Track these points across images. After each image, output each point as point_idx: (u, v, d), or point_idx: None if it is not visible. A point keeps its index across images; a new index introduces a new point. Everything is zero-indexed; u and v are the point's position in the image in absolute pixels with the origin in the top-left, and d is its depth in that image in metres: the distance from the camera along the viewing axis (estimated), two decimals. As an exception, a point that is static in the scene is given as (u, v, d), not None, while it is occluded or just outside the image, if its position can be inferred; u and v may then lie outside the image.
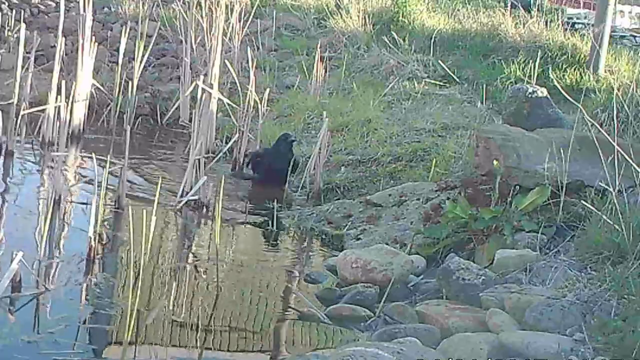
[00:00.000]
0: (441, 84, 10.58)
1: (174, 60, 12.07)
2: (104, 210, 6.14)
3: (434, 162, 7.60)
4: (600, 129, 5.65)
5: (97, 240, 5.67)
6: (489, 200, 6.00)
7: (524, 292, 4.76)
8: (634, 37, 13.89)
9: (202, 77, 8.88)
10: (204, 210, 7.30)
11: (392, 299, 5.21)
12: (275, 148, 8.41)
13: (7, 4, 13.08)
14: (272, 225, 7.11)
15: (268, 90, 9.56)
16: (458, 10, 13.62)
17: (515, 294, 4.74)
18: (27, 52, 9.37)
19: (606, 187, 5.18)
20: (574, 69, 10.32)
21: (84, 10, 9.49)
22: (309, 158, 8.29)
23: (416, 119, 9.14)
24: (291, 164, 8.23)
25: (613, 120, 6.25)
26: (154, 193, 5.75)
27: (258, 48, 12.41)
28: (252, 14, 12.66)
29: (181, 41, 11.16)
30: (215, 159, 8.29)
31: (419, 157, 8.04)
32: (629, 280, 4.48)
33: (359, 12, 13.32)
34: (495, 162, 5.98)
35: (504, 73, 10.38)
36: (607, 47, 10.42)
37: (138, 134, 10.19)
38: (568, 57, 10.65)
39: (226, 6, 10.24)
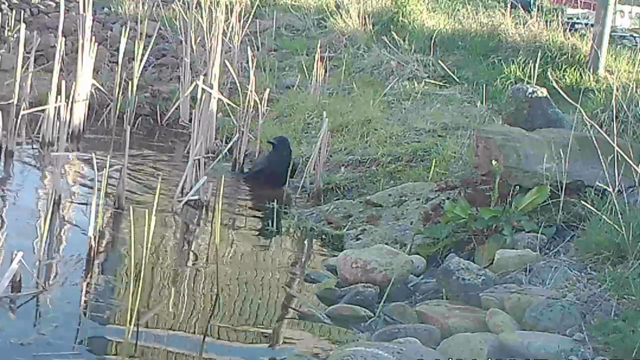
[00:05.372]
0: (441, 84, 10.58)
1: (174, 60, 12.07)
2: (104, 210, 6.14)
3: (434, 162, 7.60)
4: (600, 129, 5.65)
5: (97, 240, 5.67)
6: (488, 200, 6.00)
7: (524, 292, 4.76)
8: (634, 37, 13.87)
9: (202, 77, 8.88)
10: (204, 210, 7.30)
11: (392, 299, 5.21)
12: (274, 153, 8.39)
13: (7, 4, 13.08)
14: (272, 225, 7.11)
15: (268, 90, 9.56)
16: (458, 10, 13.61)
17: (515, 294, 4.74)
18: (27, 52, 9.36)
19: (606, 187, 5.19)
20: (574, 69, 10.31)
21: (84, 10, 9.48)
22: (309, 158, 8.29)
23: (416, 119, 9.14)
24: (290, 165, 8.24)
25: (613, 120, 6.25)
26: (154, 193, 5.75)
27: (258, 48, 12.41)
28: (252, 14, 12.66)
29: (181, 41, 11.16)
30: (217, 159, 8.29)
31: (419, 157, 8.03)
32: (629, 280, 4.48)
33: (358, 12, 13.32)
34: (494, 162, 5.98)
35: (504, 73, 10.37)
36: (607, 47, 10.41)
37: (138, 134, 10.19)
38: (568, 57, 10.63)
39: (226, 6, 10.24)
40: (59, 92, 8.45)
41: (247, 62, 9.62)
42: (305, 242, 6.95)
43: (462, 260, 5.38)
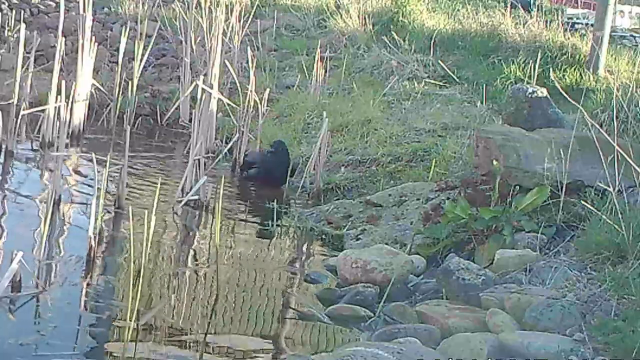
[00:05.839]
0: (441, 84, 10.58)
1: (174, 60, 12.07)
2: (104, 210, 6.14)
3: (433, 162, 7.60)
4: (600, 129, 5.65)
5: (97, 240, 5.67)
6: (488, 200, 6.00)
7: (524, 292, 4.76)
8: (634, 37, 13.87)
9: (202, 77, 8.88)
10: (204, 210, 7.30)
11: (392, 299, 5.21)
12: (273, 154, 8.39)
13: (7, 4, 13.08)
14: (272, 225, 7.11)
15: (268, 90, 9.56)
16: (458, 10, 13.60)
17: (515, 294, 4.74)
18: (27, 52, 9.36)
19: (606, 187, 5.19)
20: (574, 69, 10.31)
21: (84, 10, 9.49)
22: (309, 158, 8.29)
23: (416, 119, 9.14)
24: (289, 166, 8.26)
25: (613, 120, 6.25)
26: (154, 193, 5.75)
27: (258, 48, 12.41)
28: (252, 14, 12.66)
29: (181, 41, 11.17)
30: (217, 159, 8.29)
31: (419, 157, 8.03)
32: (629, 280, 4.48)
33: (359, 12, 13.32)
34: (494, 162, 5.98)
35: (504, 73, 10.37)
36: (607, 47, 10.41)
37: (138, 134, 10.19)
38: (568, 57, 10.64)
39: (226, 6, 10.25)
40: (59, 92, 8.44)
41: (247, 62, 9.62)
42: (305, 242, 6.95)
43: (462, 260, 5.38)
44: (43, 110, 8.82)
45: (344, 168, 8.36)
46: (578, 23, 13.59)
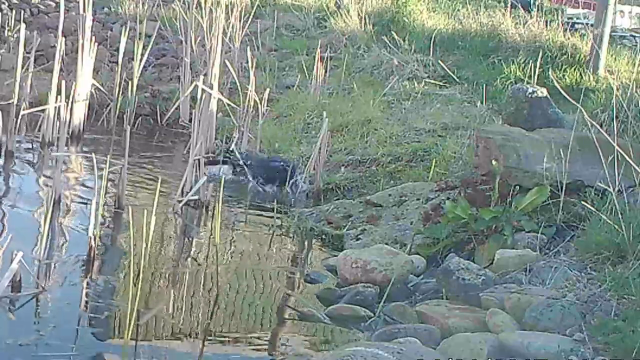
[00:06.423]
0: (441, 84, 10.58)
1: (174, 60, 12.08)
2: (104, 210, 6.13)
3: (434, 162, 7.60)
4: (600, 129, 5.65)
5: (97, 240, 5.67)
6: (488, 200, 6.00)
7: (524, 292, 4.76)
8: (634, 37, 13.87)
9: (202, 77, 8.88)
10: (204, 210, 7.30)
11: (392, 299, 5.22)
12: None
13: (7, 4, 13.08)
14: (272, 226, 7.11)
15: (268, 90, 9.56)
16: (458, 10, 13.61)
17: (515, 294, 4.74)
18: (27, 52, 9.37)
19: (606, 187, 5.19)
20: (574, 69, 10.31)
21: (84, 10, 9.49)
22: (309, 158, 8.29)
23: (416, 119, 9.14)
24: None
25: (613, 120, 6.25)
26: (154, 193, 5.76)
27: (258, 48, 12.42)
28: (252, 14, 12.66)
29: (181, 41, 11.17)
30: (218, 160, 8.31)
31: (419, 157, 8.03)
32: (629, 280, 4.48)
33: (359, 12, 13.33)
34: (494, 162, 5.98)
35: (504, 73, 10.37)
36: (607, 47, 10.41)
37: (138, 134, 10.19)
38: (568, 57, 10.63)
39: (226, 6, 10.24)
40: (59, 92, 8.45)
41: (247, 62, 9.62)
42: (305, 242, 6.95)
43: (462, 260, 5.38)
44: (43, 110, 8.83)
45: (344, 168, 8.36)
46: (578, 23, 13.59)
